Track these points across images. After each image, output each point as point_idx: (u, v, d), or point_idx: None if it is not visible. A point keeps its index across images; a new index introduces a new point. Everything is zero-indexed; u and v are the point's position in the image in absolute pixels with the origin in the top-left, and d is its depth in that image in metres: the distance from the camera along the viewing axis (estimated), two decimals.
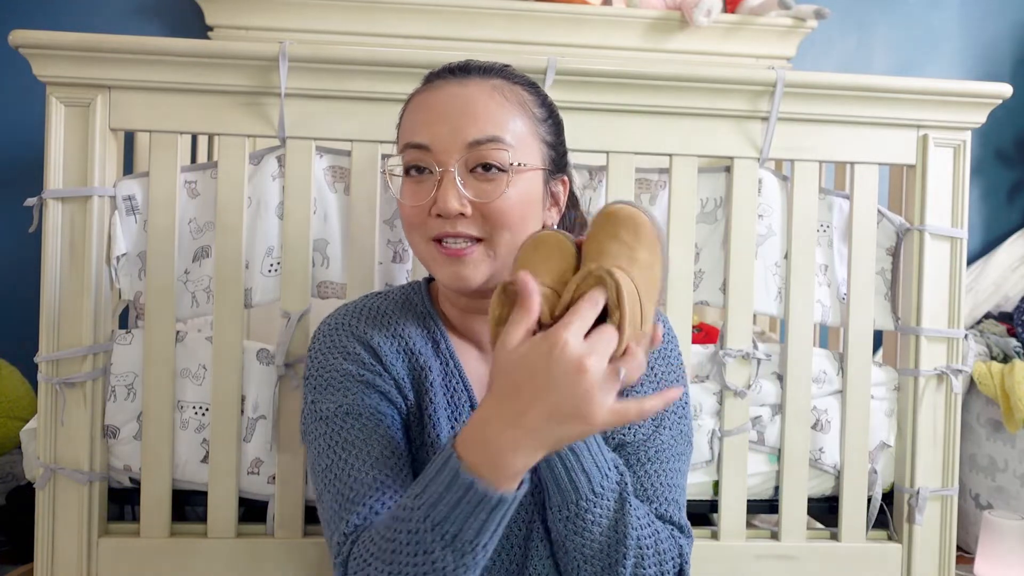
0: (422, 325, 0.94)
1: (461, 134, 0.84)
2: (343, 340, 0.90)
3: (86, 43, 1.12)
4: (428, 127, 0.85)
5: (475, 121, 0.84)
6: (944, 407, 1.28)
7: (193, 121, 1.16)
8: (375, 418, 0.85)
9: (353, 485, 0.81)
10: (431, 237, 0.86)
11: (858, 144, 1.26)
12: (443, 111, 0.85)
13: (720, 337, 1.25)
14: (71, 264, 1.15)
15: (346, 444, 0.84)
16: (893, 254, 1.31)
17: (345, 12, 1.93)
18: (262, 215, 1.19)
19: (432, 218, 0.85)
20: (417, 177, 0.87)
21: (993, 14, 2.31)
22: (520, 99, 0.89)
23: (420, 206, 0.85)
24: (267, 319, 1.47)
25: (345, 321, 0.92)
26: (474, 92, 0.86)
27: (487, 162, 0.84)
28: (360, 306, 0.95)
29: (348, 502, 0.80)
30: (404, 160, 0.87)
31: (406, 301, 0.96)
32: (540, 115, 0.91)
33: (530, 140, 0.88)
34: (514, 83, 0.90)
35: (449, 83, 0.88)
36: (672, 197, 1.23)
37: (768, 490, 1.29)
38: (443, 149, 0.84)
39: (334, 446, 0.85)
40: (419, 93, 0.90)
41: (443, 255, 0.85)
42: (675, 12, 1.99)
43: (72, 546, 1.16)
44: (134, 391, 1.17)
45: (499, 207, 0.84)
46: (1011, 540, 1.43)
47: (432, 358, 0.91)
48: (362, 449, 0.83)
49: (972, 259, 2.15)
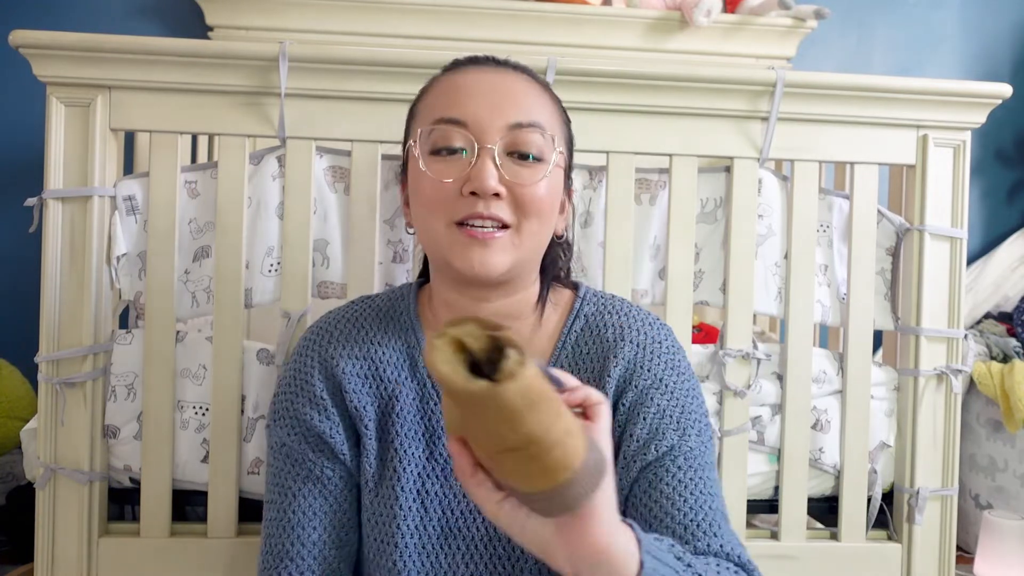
0: (401, 339, 0.90)
1: (503, 113, 0.80)
2: (307, 369, 0.89)
3: (86, 43, 1.11)
4: (466, 104, 0.81)
5: (516, 103, 0.81)
6: (944, 407, 1.28)
7: (193, 121, 1.16)
8: (310, 479, 0.87)
9: (284, 546, 0.85)
10: (456, 219, 0.80)
11: (858, 144, 1.26)
12: (482, 89, 0.82)
13: (720, 337, 1.25)
14: (71, 264, 1.15)
15: (287, 493, 0.87)
16: (893, 254, 1.31)
17: (345, 12, 1.93)
18: (262, 215, 1.19)
19: (462, 198, 0.80)
20: (446, 156, 0.81)
21: (993, 14, 2.31)
22: (552, 96, 0.88)
23: (449, 184, 0.80)
24: (267, 319, 1.47)
25: (319, 339, 0.91)
26: (512, 78, 0.84)
27: (526, 149, 0.81)
28: (341, 317, 0.92)
29: (274, 559, 0.85)
30: (432, 137, 0.82)
31: (391, 310, 0.92)
32: (564, 118, 0.90)
33: (559, 137, 0.86)
34: (542, 84, 0.89)
35: (482, 69, 0.85)
36: (672, 197, 1.23)
37: (768, 490, 1.29)
38: (483, 126, 0.80)
39: (277, 484, 0.89)
40: (445, 76, 0.86)
41: (468, 238, 0.80)
42: (675, 12, 1.99)
43: (72, 546, 1.16)
44: (134, 391, 1.17)
45: (535, 193, 0.81)
46: (1011, 540, 1.43)
47: (406, 382, 0.88)
48: (297, 518, 0.86)
49: (972, 259, 2.15)
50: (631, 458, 0.83)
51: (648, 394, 0.85)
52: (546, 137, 0.82)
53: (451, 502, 0.85)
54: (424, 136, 0.83)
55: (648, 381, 0.86)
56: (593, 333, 0.89)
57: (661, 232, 1.25)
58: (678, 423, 0.85)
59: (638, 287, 1.25)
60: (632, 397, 0.85)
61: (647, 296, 1.26)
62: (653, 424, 0.84)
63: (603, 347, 0.88)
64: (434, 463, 0.86)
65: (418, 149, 0.83)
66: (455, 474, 0.62)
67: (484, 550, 0.85)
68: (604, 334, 0.88)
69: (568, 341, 0.89)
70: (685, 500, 0.80)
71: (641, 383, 0.86)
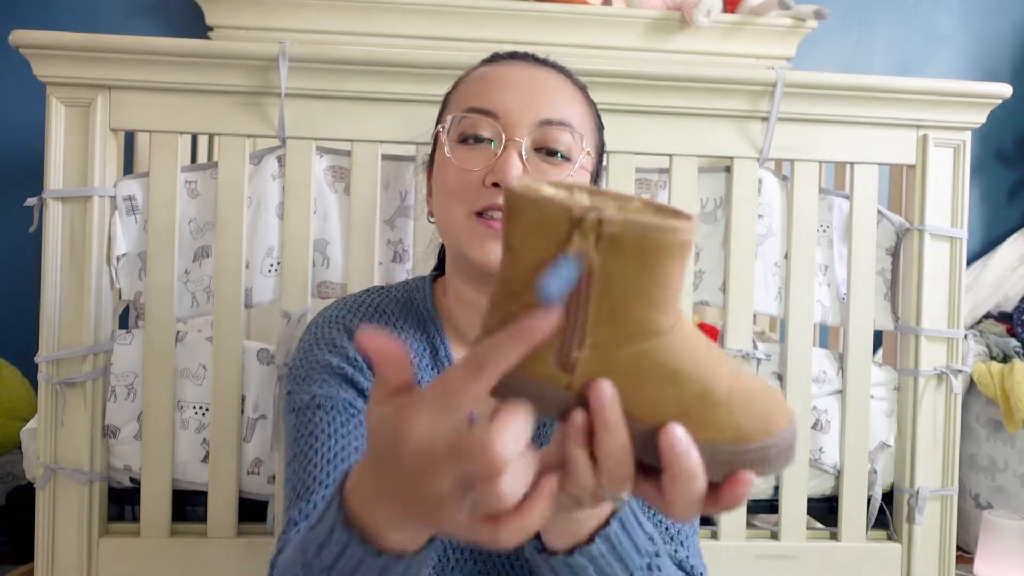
0: (420, 329, 0.89)
1: (534, 108, 0.80)
2: (332, 333, 0.87)
3: (86, 43, 1.11)
4: (498, 95, 0.81)
5: (549, 100, 0.81)
6: (944, 407, 1.28)
7: (193, 121, 1.16)
8: (346, 412, 0.81)
9: (306, 480, 0.78)
10: (476, 209, 0.80)
11: (858, 144, 1.26)
12: (516, 83, 0.82)
13: (720, 337, 1.25)
14: (71, 264, 1.15)
15: (309, 437, 0.81)
16: (893, 254, 1.31)
17: (345, 12, 1.92)
18: (262, 215, 1.19)
19: (484, 188, 0.80)
20: (473, 145, 0.82)
21: (993, 14, 2.31)
22: (587, 98, 0.88)
23: (473, 173, 0.80)
24: (267, 319, 1.47)
25: (339, 315, 0.89)
26: (548, 75, 0.84)
27: (554, 146, 0.81)
28: (358, 301, 0.91)
29: (297, 497, 0.78)
30: (462, 125, 0.82)
31: (407, 300, 0.92)
32: (597, 122, 0.89)
33: (590, 140, 0.86)
34: (579, 86, 0.88)
35: (520, 64, 0.85)
36: (672, 197, 1.23)
37: (768, 490, 1.29)
38: (513, 119, 0.80)
39: (299, 438, 0.82)
40: (481, 67, 0.87)
41: (486, 229, 0.80)
42: (675, 12, 1.99)
43: (72, 546, 1.16)
44: (134, 391, 1.17)
45: None
46: (1011, 540, 1.43)
47: (427, 369, 0.87)
48: (324, 443, 0.79)
49: (972, 259, 2.14)
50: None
51: None
52: (575, 136, 0.82)
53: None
54: (454, 123, 0.83)
55: None
56: None
57: None
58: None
59: None
60: None
61: None
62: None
63: None
64: None
65: (446, 136, 0.83)
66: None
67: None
68: None
69: None
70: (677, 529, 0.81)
71: None
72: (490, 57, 0.89)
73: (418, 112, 1.18)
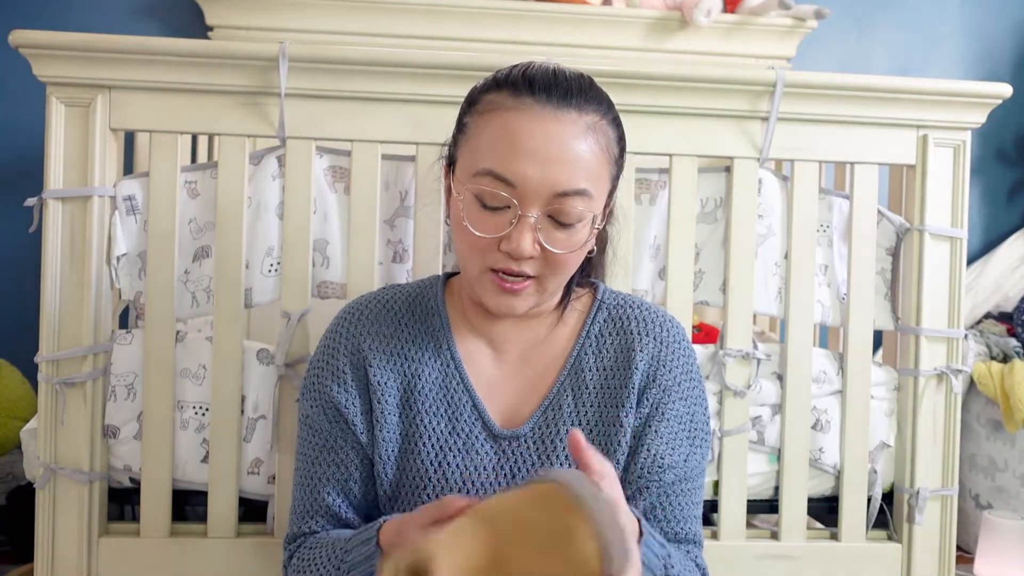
0: (428, 325, 0.95)
1: (551, 181, 0.81)
2: (335, 346, 0.94)
3: (86, 43, 1.12)
4: (517, 163, 0.81)
5: (567, 168, 0.82)
6: (944, 407, 1.28)
7: (193, 121, 1.16)
8: (334, 448, 0.93)
9: (310, 497, 0.94)
10: (490, 267, 0.85)
11: (858, 144, 1.26)
12: (535, 149, 0.82)
13: (720, 337, 1.25)
14: (71, 264, 1.15)
15: (306, 458, 0.95)
16: (893, 254, 1.31)
17: (345, 12, 1.93)
18: (262, 215, 1.19)
19: (498, 251, 0.84)
20: (490, 212, 0.84)
21: (993, 14, 2.31)
22: (608, 140, 0.86)
23: (488, 238, 0.84)
24: (267, 319, 1.47)
25: (349, 318, 0.95)
26: (569, 131, 0.83)
27: (566, 220, 0.83)
28: (372, 299, 0.97)
29: (302, 511, 0.94)
30: (479, 187, 0.83)
31: (419, 297, 0.97)
32: (616, 153, 0.89)
33: (605, 187, 0.88)
34: (603, 116, 0.86)
35: (543, 109, 0.83)
36: (672, 197, 1.23)
37: (768, 490, 1.29)
38: (530, 192, 0.82)
39: (301, 453, 0.96)
40: (505, 110, 0.84)
41: (497, 286, 0.85)
42: (675, 12, 1.99)
43: (72, 546, 1.16)
44: (134, 391, 1.17)
45: (565, 257, 0.85)
46: (1011, 540, 1.43)
47: (430, 362, 0.93)
48: (319, 469, 0.94)
49: (972, 259, 2.15)
50: (645, 473, 0.90)
51: (669, 396, 0.92)
52: (588, 201, 0.84)
53: (471, 474, 0.90)
54: (473, 180, 0.84)
55: (669, 381, 0.93)
56: (617, 324, 0.95)
57: (661, 232, 1.25)
58: (690, 438, 0.93)
59: (638, 287, 1.25)
60: (655, 396, 0.92)
61: (647, 296, 1.26)
62: (669, 440, 0.92)
63: (627, 338, 0.94)
64: (456, 437, 0.91)
65: (464, 191, 0.85)
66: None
67: None
68: (628, 326, 0.95)
69: (592, 331, 0.95)
70: (673, 509, 0.92)
71: (663, 381, 0.93)
72: (511, 82, 0.85)
73: (418, 112, 1.18)
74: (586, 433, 0.91)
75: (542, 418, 0.91)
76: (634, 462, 0.91)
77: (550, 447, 0.90)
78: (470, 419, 0.91)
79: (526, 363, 0.94)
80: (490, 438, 0.91)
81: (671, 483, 0.91)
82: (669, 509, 0.92)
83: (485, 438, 0.91)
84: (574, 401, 0.92)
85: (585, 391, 0.92)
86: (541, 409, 0.91)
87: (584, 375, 0.92)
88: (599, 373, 0.93)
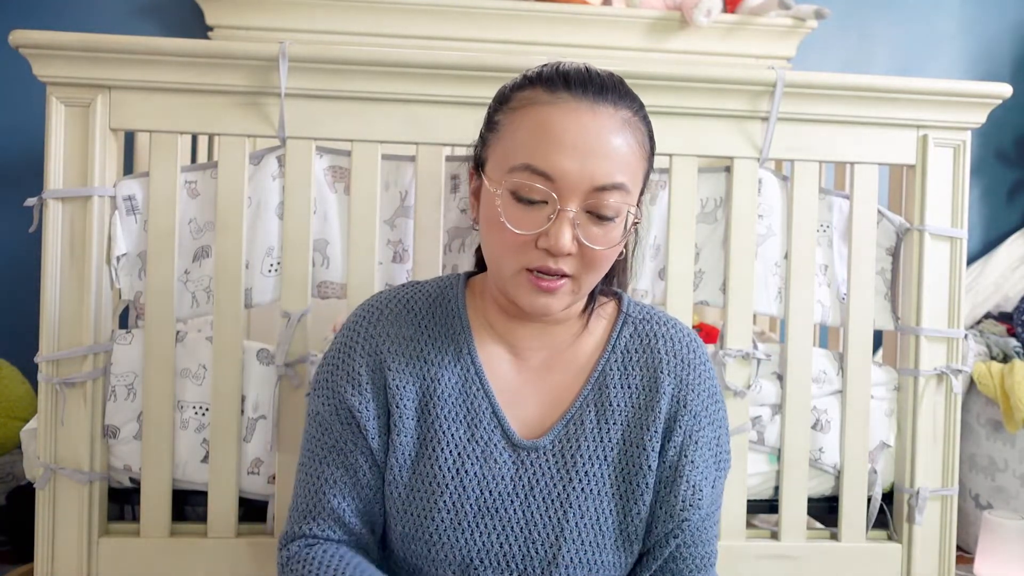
0: (448, 327, 0.92)
1: (589, 175, 0.80)
2: (351, 345, 0.91)
3: (86, 43, 1.12)
4: (555, 156, 0.80)
5: (605, 162, 0.81)
6: (944, 407, 1.28)
7: (193, 121, 1.16)
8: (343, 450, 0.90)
9: (313, 497, 0.90)
10: (527, 267, 0.83)
11: (858, 144, 1.26)
12: (573, 142, 0.80)
13: (720, 337, 1.25)
14: (71, 264, 1.15)
15: (313, 456, 0.92)
16: (893, 254, 1.31)
17: (345, 12, 1.93)
18: (262, 215, 1.19)
19: (536, 250, 0.82)
20: (527, 206, 0.82)
21: (993, 14, 2.31)
22: (642, 136, 0.86)
23: (525, 234, 0.82)
24: (267, 319, 1.48)
25: (368, 317, 0.92)
26: (606, 125, 0.82)
27: (605, 213, 0.82)
28: (392, 298, 0.94)
29: (304, 510, 0.91)
30: (516, 182, 0.82)
31: (440, 297, 0.94)
32: (649, 149, 0.88)
33: (639, 183, 0.86)
34: (636, 113, 0.86)
35: (580, 104, 0.82)
36: (672, 197, 1.23)
37: (768, 490, 1.29)
38: (569, 186, 0.80)
39: (307, 450, 0.93)
40: (542, 104, 0.83)
41: (533, 285, 0.83)
42: (675, 12, 1.99)
43: (72, 546, 1.16)
44: (134, 391, 1.17)
45: (602, 253, 0.84)
46: (1011, 540, 1.43)
47: (450, 366, 0.90)
48: (326, 470, 0.90)
49: (972, 259, 2.15)
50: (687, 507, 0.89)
51: (699, 423, 0.91)
52: (625, 195, 0.83)
53: (489, 482, 0.88)
54: (508, 176, 0.83)
55: (699, 407, 0.92)
56: (643, 341, 0.93)
57: (661, 232, 1.25)
58: (716, 462, 0.93)
59: (638, 287, 1.25)
60: (688, 424, 0.91)
61: (647, 296, 1.26)
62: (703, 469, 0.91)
63: (654, 357, 0.92)
64: (474, 445, 0.89)
65: (501, 187, 0.83)
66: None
67: (520, 532, 0.87)
68: (655, 344, 0.93)
69: (618, 346, 0.93)
70: (705, 531, 0.92)
71: (693, 407, 0.91)
72: (545, 80, 0.85)
73: (418, 112, 1.18)
74: (609, 453, 0.89)
75: (563, 431, 0.89)
76: (673, 494, 0.89)
77: (570, 462, 0.88)
78: (489, 426, 0.89)
79: (548, 371, 0.92)
80: (509, 447, 0.89)
81: (705, 516, 0.90)
82: (698, 535, 0.90)
83: (504, 447, 0.89)
84: (597, 418, 0.89)
85: (609, 409, 0.90)
86: (563, 422, 0.89)
87: (609, 391, 0.90)
88: (624, 391, 0.91)
